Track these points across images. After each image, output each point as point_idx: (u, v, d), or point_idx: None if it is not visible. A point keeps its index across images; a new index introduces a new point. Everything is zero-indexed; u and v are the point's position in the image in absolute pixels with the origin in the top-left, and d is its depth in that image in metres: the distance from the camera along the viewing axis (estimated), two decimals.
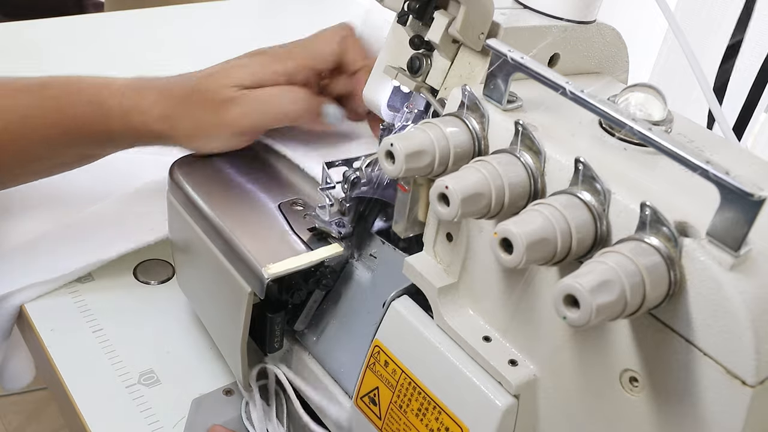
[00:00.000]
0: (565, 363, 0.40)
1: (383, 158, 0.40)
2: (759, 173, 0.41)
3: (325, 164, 0.56)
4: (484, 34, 0.45)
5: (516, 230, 0.33)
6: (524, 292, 0.42)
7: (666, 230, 0.33)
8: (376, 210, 0.55)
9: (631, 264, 0.32)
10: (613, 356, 0.38)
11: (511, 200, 0.38)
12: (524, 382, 0.42)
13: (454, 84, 0.48)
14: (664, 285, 0.33)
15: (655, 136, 0.35)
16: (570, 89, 0.37)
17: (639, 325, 0.36)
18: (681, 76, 0.96)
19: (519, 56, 0.39)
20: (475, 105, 0.41)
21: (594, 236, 0.36)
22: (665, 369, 0.36)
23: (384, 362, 0.48)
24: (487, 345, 0.44)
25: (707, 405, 0.34)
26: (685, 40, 0.50)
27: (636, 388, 0.37)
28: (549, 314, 0.41)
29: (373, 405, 0.49)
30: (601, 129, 0.42)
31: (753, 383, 0.32)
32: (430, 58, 0.49)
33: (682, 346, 0.34)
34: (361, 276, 0.54)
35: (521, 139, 0.39)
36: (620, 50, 0.52)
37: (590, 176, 0.36)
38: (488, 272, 0.44)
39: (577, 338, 0.39)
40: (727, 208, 0.32)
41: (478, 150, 0.41)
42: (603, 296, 0.31)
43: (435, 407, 0.45)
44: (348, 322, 0.54)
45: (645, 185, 0.37)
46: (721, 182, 0.32)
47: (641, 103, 0.41)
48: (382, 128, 0.53)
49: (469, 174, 0.37)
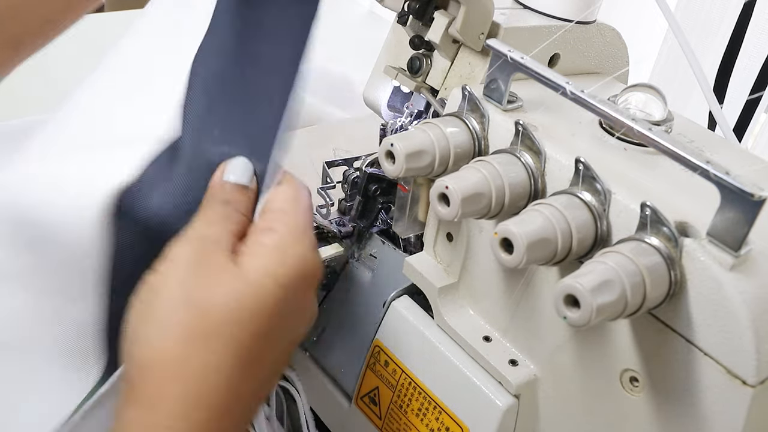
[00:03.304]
0: (565, 363, 0.40)
1: (383, 158, 0.40)
2: (759, 173, 0.41)
3: (325, 164, 0.56)
4: (484, 34, 0.45)
5: (516, 230, 0.33)
6: (524, 292, 0.42)
7: (666, 230, 0.33)
8: (377, 210, 0.55)
9: (631, 264, 0.32)
10: (613, 356, 0.38)
11: (511, 200, 0.38)
12: (524, 381, 0.42)
13: (454, 84, 0.48)
14: (665, 285, 0.33)
15: (656, 136, 0.35)
16: (570, 89, 0.37)
17: (639, 325, 0.36)
18: (681, 76, 0.96)
19: (519, 56, 0.39)
20: (475, 105, 0.41)
21: (594, 236, 0.36)
22: (665, 369, 0.36)
23: (384, 362, 0.48)
24: (488, 345, 0.44)
25: (707, 405, 0.34)
26: (685, 40, 0.50)
27: (636, 387, 0.37)
28: (549, 314, 0.41)
29: (373, 405, 0.49)
30: (601, 129, 0.42)
31: (753, 383, 0.32)
32: (430, 58, 0.49)
33: (682, 346, 0.34)
34: (361, 276, 0.54)
35: (521, 139, 0.39)
36: (620, 50, 0.52)
37: (590, 176, 0.36)
38: (488, 272, 0.44)
39: (578, 338, 0.39)
40: (727, 208, 0.32)
41: (479, 150, 0.41)
42: (603, 296, 0.31)
43: (435, 407, 0.45)
44: (348, 322, 0.54)
45: (645, 185, 0.37)
46: (722, 182, 0.32)
47: (641, 103, 0.41)
48: (381, 128, 0.53)
49: (470, 174, 0.37)
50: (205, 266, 0.36)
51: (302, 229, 0.38)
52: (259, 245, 0.38)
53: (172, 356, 0.35)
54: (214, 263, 0.37)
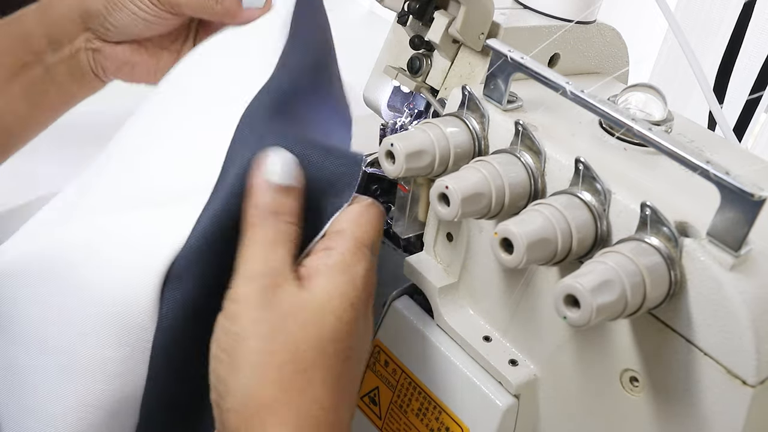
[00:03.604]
0: (565, 363, 0.40)
1: (383, 158, 0.40)
2: (759, 173, 0.41)
3: None
4: (484, 34, 0.45)
5: (516, 230, 0.33)
6: (524, 292, 0.42)
7: (666, 230, 0.33)
8: None
9: (631, 264, 0.32)
10: (613, 356, 0.38)
11: (511, 200, 0.38)
12: (524, 381, 0.42)
13: (454, 84, 0.48)
14: (665, 285, 0.33)
15: (655, 136, 0.35)
16: (570, 89, 0.37)
17: (639, 325, 0.36)
18: (681, 76, 0.96)
19: (519, 56, 0.39)
20: (475, 105, 0.41)
21: (594, 236, 0.36)
22: (665, 369, 0.36)
23: (384, 362, 0.48)
24: (488, 345, 0.44)
25: (708, 405, 0.34)
26: (685, 40, 0.50)
27: (636, 387, 0.37)
28: (549, 314, 0.41)
29: (373, 405, 0.49)
30: (601, 129, 0.42)
31: (753, 383, 0.32)
32: (430, 58, 0.49)
33: (682, 346, 0.34)
34: None
35: (521, 139, 0.39)
36: (620, 50, 0.52)
37: (590, 176, 0.36)
38: (488, 272, 0.44)
39: (578, 338, 0.39)
40: (727, 208, 0.32)
41: (478, 150, 0.41)
42: (603, 296, 0.31)
43: (435, 407, 0.45)
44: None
45: (645, 185, 0.37)
46: (722, 182, 0.32)
47: (641, 103, 0.41)
48: (381, 128, 0.53)
49: (470, 174, 0.37)
50: (277, 303, 0.36)
51: (361, 247, 0.38)
52: (323, 266, 0.37)
53: (275, 399, 0.35)
54: (285, 297, 0.36)
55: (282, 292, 0.36)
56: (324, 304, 0.36)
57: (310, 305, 0.36)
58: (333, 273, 0.37)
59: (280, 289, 0.36)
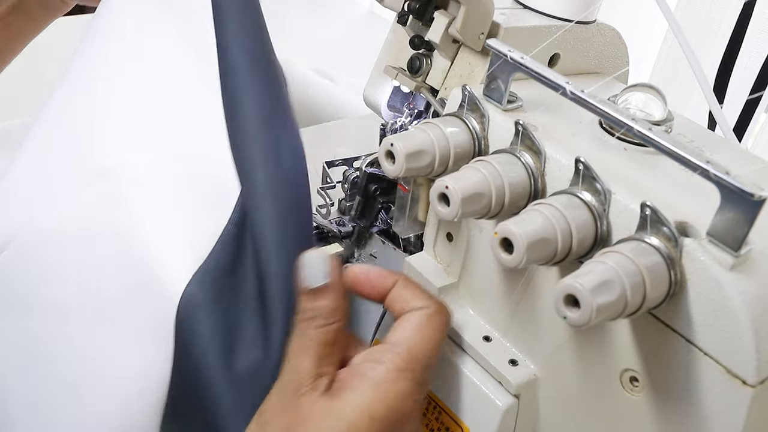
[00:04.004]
0: (565, 363, 0.40)
1: (383, 158, 0.40)
2: (759, 173, 0.41)
3: (324, 164, 0.56)
4: (484, 34, 0.45)
5: (516, 230, 0.33)
6: (524, 292, 0.42)
7: (666, 230, 0.33)
8: (377, 210, 0.55)
9: (631, 264, 0.32)
10: (613, 356, 0.38)
11: (511, 200, 0.38)
12: (524, 381, 0.42)
13: (454, 84, 0.48)
14: (665, 285, 0.33)
15: (655, 136, 0.34)
16: (570, 89, 0.37)
17: (639, 325, 0.36)
18: (681, 76, 0.96)
19: (519, 56, 0.39)
20: (475, 105, 0.41)
21: (594, 236, 0.36)
22: (665, 369, 0.36)
23: None
24: (488, 345, 0.44)
25: (708, 405, 0.34)
26: (685, 40, 0.50)
27: (636, 387, 0.37)
28: (549, 314, 0.41)
29: None
30: (601, 129, 0.42)
31: (753, 383, 0.32)
32: (430, 58, 0.49)
33: (682, 346, 0.34)
34: None
35: (521, 139, 0.39)
36: (620, 50, 0.52)
37: (590, 176, 0.36)
38: (488, 272, 0.44)
39: (578, 338, 0.39)
40: (727, 208, 0.32)
41: (478, 150, 0.41)
42: (603, 296, 0.31)
43: (435, 407, 0.45)
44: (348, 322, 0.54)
45: (645, 185, 0.37)
46: (722, 182, 0.32)
47: (641, 103, 0.41)
48: (381, 128, 0.53)
49: (470, 174, 0.37)
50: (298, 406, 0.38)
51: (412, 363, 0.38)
52: (361, 378, 0.38)
53: None
54: (306, 402, 0.37)
55: (303, 403, 0.38)
56: (347, 416, 0.37)
57: (330, 415, 0.37)
58: (368, 387, 0.38)
59: (303, 397, 0.38)
